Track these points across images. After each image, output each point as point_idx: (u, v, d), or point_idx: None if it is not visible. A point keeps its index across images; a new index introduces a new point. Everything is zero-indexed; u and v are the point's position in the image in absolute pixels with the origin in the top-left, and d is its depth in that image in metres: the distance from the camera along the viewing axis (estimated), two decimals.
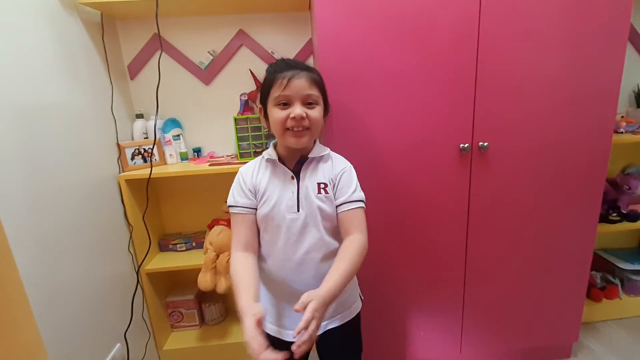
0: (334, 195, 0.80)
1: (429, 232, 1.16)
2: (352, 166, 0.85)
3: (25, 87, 0.91)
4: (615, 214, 1.52)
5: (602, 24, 1.04)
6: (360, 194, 0.81)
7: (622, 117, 1.60)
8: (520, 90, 1.07)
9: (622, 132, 1.45)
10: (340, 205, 0.79)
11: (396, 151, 1.09)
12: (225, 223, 1.40)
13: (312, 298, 0.64)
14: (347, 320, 0.87)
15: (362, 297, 0.94)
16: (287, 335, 0.83)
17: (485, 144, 1.08)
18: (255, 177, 0.82)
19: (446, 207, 1.14)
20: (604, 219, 1.49)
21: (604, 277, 1.63)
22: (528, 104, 1.08)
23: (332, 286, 0.68)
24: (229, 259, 1.34)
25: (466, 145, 1.08)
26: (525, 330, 1.30)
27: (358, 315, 0.91)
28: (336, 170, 0.82)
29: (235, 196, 0.81)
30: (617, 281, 1.60)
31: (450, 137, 1.09)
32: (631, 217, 1.50)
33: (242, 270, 0.76)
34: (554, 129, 1.11)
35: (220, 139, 1.49)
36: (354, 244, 0.76)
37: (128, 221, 1.30)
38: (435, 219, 1.15)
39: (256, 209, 0.81)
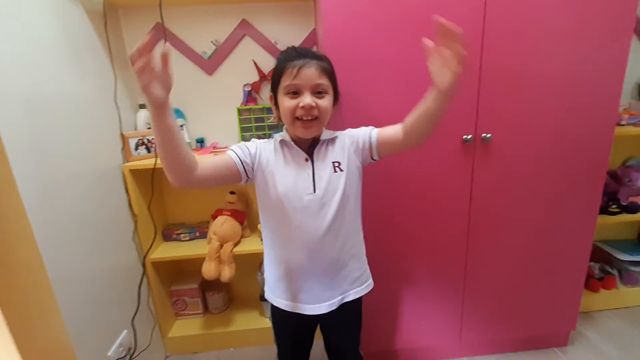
0: (362, 148, 0.85)
1: (430, 222, 1.18)
2: (350, 129, 0.89)
3: (30, 77, 0.91)
4: (615, 206, 1.53)
5: (607, 15, 1.03)
6: (367, 127, 0.87)
7: (625, 109, 1.60)
8: (524, 81, 1.07)
9: (624, 125, 1.46)
10: (371, 141, 0.85)
11: None
12: (229, 213, 1.41)
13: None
14: (361, 295, 0.90)
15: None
16: (305, 309, 0.85)
17: (489, 135, 1.08)
18: (270, 153, 0.83)
19: (448, 197, 1.16)
20: (604, 210, 1.50)
21: (602, 267, 1.65)
22: (532, 95, 1.08)
23: None
24: (232, 249, 1.36)
25: (469, 136, 1.09)
26: (524, 318, 1.33)
27: (360, 297, 0.94)
28: (346, 141, 0.85)
29: (238, 148, 0.81)
30: (615, 272, 1.62)
31: (454, 128, 1.09)
32: (631, 209, 1.52)
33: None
34: (557, 121, 1.11)
35: (223, 130, 1.49)
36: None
37: (133, 211, 1.31)
38: (437, 209, 1.17)
39: (245, 170, 0.81)
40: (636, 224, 1.77)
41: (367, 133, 0.86)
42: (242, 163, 0.80)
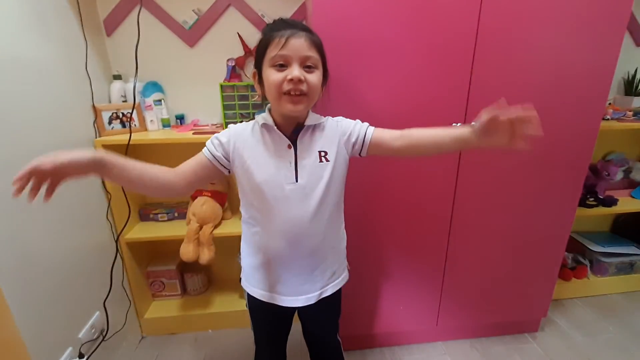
0: (353, 142, 0.80)
1: (412, 210, 1.17)
2: (341, 117, 0.84)
3: None
4: (592, 199, 1.57)
5: (603, 9, 1.02)
6: (363, 123, 0.83)
7: (609, 103, 1.62)
8: (517, 71, 1.05)
9: (608, 119, 1.47)
10: (363, 138, 0.80)
11: (387, 125, 1.06)
12: (209, 194, 1.37)
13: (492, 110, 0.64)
14: (338, 289, 0.88)
15: (349, 268, 0.95)
16: (282, 301, 0.83)
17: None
18: (245, 142, 0.77)
19: (432, 184, 1.15)
20: (581, 203, 1.54)
21: (575, 257, 1.70)
22: (522, 87, 1.07)
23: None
24: (212, 231, 1.32)
25: (458, 124, 1.06)
26: (498, 305, 1.36)
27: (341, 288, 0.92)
28: (338, 131, 0.80)
29: (212, 146, 0.77)
30: (586, 262, 1.68)
31: (444, 116, 1.07)
32: (607, 202, 1.56)
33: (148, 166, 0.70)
34: (545, 112, 1.07)
35: (204, 107, 1.42)
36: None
37: (106, 189, 1.24)
38: (419, 197, 1.16)
39: (220, 164, 0.77)
40: (610, 217, 1.84)
41: (362, 129, 0.80)
42: (215, 158, 0.76)
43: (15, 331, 0.77)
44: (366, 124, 0.82)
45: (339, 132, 0.80)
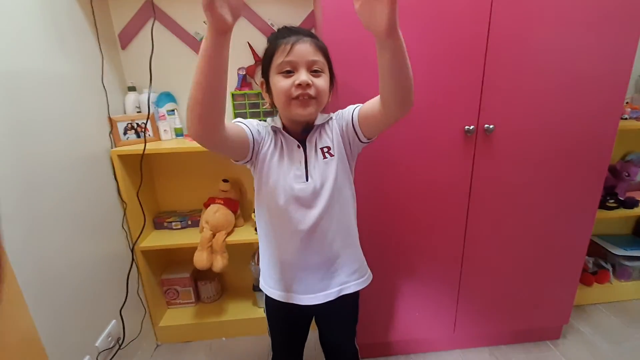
0: (350, 128, 0.78)
1: (428, 214, 1.15)
2: (340, 110, 0.83)
3: (7, 52, 0.84)
4: (612, 201, 1.52)
5: (618, 8, 1.00)
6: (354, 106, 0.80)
7: (627, 102, 1.58)
8: (531, 72, 1.03)
9: (625, 119, 1.43)
10: (352, 118, 0.77)
11: (401, 130, 1.05)
12: (222, 202, 1.38)
13: None
14: (359, 289, 0.88)
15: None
16: (300, 299, 0.83)
17: (491, 126, 1.05)
18: (267, 136, 0.78)
19: (447, 189, 1.13)
20: (601, 205, 1.49)
21: (596, 262, 1.65)
22: (537, 87, 1.05)
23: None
24: (225, 238, 1.33)
25: (471, 127, 1.05)
26: (518, 311, 1.32)
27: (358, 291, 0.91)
28: (334, 124, 0.80)
29: (248, 122, 0.76)
30: (608, 266, 1.62)
31: (456, 118, 1.06)
32: (628, 204, 1.51)
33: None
34: (562, 113, 1.08)
35: None
36: None
37: (122, 198, 1.26)
38: (435, 201, 1.14)
39: (254, 144, 0.74)
40: (632, 219, 1.78)
41: (350, 111, 0.78)
42: (253, 140, 0.74)
43: (37, 338, 0.78)
44: (355, 105, 0.79)
45: (336, 125, 0.80)
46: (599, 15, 1.00)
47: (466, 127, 1.05)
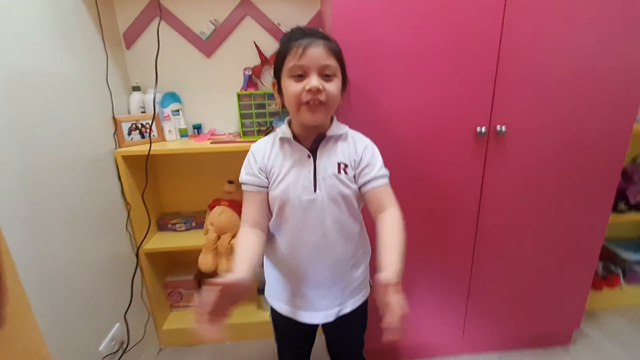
0: (359, 173, 0.76)
1: (438, 217, 1.13)
2: (373, 143, 0.80)
3: (13, 52, 0.83)
4: (623, 204, 1.49)
5: (630, 9, 0.97)
6: (386, 170, 0.77)
7: None
8: (544, 73, 1.01)
9: (638, 121, 1.41)
10: (368, 182, 0.75)
11: (411, 132, 1.03)
12: (227, 203, 1.36)
13: (390, 280, 0.61)
14: (357, 305, 0.85)
15: (371, 283, 0.92)
16: (302, 316, 0.81)
17: (503, 128, 1.03)
18: (267, 156, 0.77)
19: (458, 191, 1.11)
20: (612, 208, 1.47)
21: (606, 266, 1.63)
22: (551, 88, 1.02)
23: (398, 264, 0.68)
24: (230, 240, 1.31)
25: (483, 129, 1.03)
26: (528, 316, 1.30)
27: (366, 300, 0.89)
28: (359, 149, 0.77)
29: (245, 175, 0.77)
30: (619, 270, 1.60)
31: (467, 119, 1.03)
32: (638, 207, 1.48)
33: (243, 243, 0.73)
34: (574, 116, 1.06)
35: (222, 116, 1.42)
36: (396, 217, 0.73)
37: (126, 199, 1.25)
38: (446, 204, 1.12)
39: (267, 187, 0.76)
40: None
41: (374, 170, 0.75)
42: (260, 187, 0.77)
43: (42, 342, 0.76)
44: (383, 171, 0.77)
45: (359, 158, 0.76)
46: (613, 14, 0.97)
47: (478, 128, 1.03)
